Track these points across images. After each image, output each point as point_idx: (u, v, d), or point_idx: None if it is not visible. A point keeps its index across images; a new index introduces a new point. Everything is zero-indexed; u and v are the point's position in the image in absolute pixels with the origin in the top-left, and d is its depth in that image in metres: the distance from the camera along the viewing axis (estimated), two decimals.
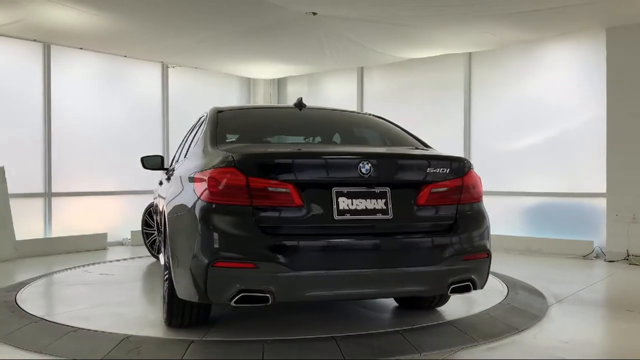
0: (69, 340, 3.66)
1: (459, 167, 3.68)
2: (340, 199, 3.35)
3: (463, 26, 7.05)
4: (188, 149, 4.55)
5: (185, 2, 6.24)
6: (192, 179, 3.58)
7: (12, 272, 6.38)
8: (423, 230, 3.55)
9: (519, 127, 8.25)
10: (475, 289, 3.61)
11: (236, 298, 3.17)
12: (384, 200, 3.42)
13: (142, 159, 5.37)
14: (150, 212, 7.00)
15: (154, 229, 6.82)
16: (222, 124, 4.11)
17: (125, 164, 8.62)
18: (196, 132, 4.53)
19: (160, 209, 4.91)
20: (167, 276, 3.86)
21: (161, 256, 4.55)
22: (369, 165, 3.40)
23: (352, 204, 3.36)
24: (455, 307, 4.57)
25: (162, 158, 5.37)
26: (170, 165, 5.22)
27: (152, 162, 5.34)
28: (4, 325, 4.00)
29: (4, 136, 7.60)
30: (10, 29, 7.12)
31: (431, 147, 4.17)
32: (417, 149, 4.05)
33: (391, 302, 4.68)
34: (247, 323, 4.05)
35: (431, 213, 3.55)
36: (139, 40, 7.88)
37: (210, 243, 3.23)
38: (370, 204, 3.40)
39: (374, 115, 4.82)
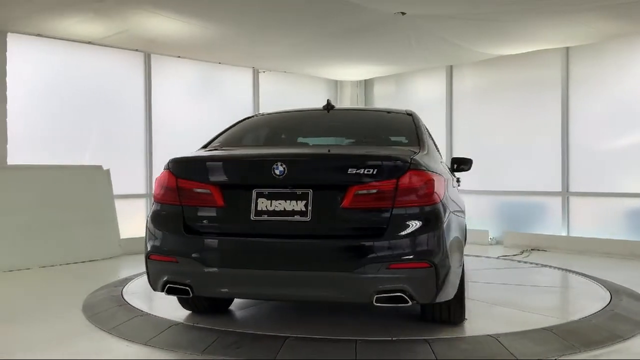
0: (171, 333, 3.86)
1: (392, 168, 3.32)
2: (260, 200, 3.39)
3: (559, 19, 6.76)
4: None
5: (276, 9, 6.41)
6: None
7: (118, 268, 6.80)
8: (345, 235, 3.31)
9: (622, 125, 7.80)
10: (413, 301, 3.23)
11: (165, 289, 3.49)
12: (304, 202, 3.33)
13: None
14: None
15: None
16: (234, 129, 4.48)
17: None
18: None
19: None
20: None
21: None
22: (283, 167, 3.35)
23: (270, 205, 3.37)
24: (554, 312, 4.40)
25: None
26: None
27: None
28: (112, 318, 4.26)
29: (111, 141, 8.12)
30: (115, 40, 7.59)
31: (423, 151, 3.76)
32: (414, 152, 3.62)
33: (479, 308, 4.59)
34: (339, 321, 4.10)
35: (356, 216, 3.31)
36: (232, 48, 8.18)
37: (149, 237, 3.62)
38: (289, 205, 3.35)
39: (407, 114, 4.53)
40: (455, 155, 8.73)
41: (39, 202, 6.94)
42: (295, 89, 10.32)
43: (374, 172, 3.30)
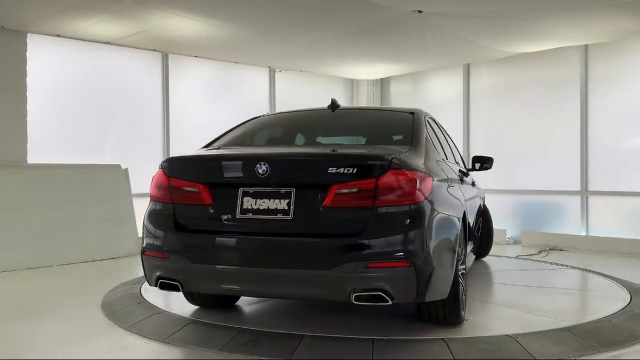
0: (189, 330, 3.89)
1: (373, 167, 3.33)
2: (245, 199, 3.47)
3: (577, 17, 6.69)
4: None
5: (292, 9, 6.42)
6: None
7: (136, 266, 6.85)
8: (326, 233, 3.33)
9: None
10: (393, 300, 3.22)
11: (158, 284, 3.62)
12: (287, 201, 3.39)
13: None
14: None
15: None
16: (237, 129, 4.60)
17: None
18: None
19: None
20: None
21: None
22: (266, 166, 3.42)
23: (255, 204, 3.44)
24: (573, 312, 4.37)
25: None
26: None
27: None
28: (131, 315, 4.31)
29: (129, 140, 8.20)
30: (133, 40, 7.66)
31: (413, 150, 3.74)
32: (401, 151, 3.63)
33: (496, 308, 4.55)
34: (356, 319, 4.10)
35: (337, 215, 3.33)
36: (248, 47, 8.21)
37: (145, 234, 3.76)
38: (272, 204, 3.41)
39: (409, 112, 4.50)
40: (473, 154, 8.69)
41: (59, 201, 7.02)
42: (311, 88, 10.33)
43: (354, 172, 3.31)
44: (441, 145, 4.63)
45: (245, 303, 4.64)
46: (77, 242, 7.01)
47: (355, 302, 3.24)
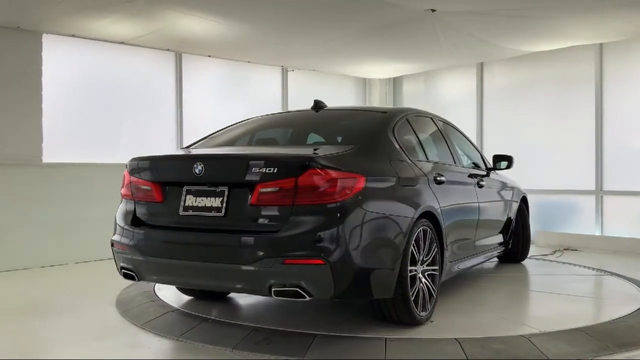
0: (202, 329, 3.92)
1: (292, 167, 3.44)
2: (188, 197, 3.72)
3: (592, 15, 6.63)
4: None
5: (305, 8, 6.43)
6: None
7: None
8: (251, 230, 3.49)
9: None
10: (310, 296, 3.33)
11: (122, 273, 3.94)
12: (220, 199, 3.60)
13: None
14: None
15: None
16: (223, 130, 4.87)
17: None
18: None
19: None
20: None
21: None
22: (201, 166, 3.63)
23: (195, 202, 3.68)
24: (588, 313, 4.33)
25: None
26: None
27: None
28: (145, 313, 4.35)
29: (143, 139, 8.23)
30: (147, 40, 7.70)
31: (353, 151, 3.81)
32: (333, 152, 3.72)
33: (509, 308, 4.53)
34: (370, 319, 4.09)
35: (260, 213, 3.49)
36: (261, 47, 8.23)
37: (114, 228, 4.09)
38: (209, 201, 3.63)
39: (382, 112, 4.67)
40: (486, 153, 8.64)
41: (73, 200, 7.09)
42: (324, 87, 10.31)
43: (276, 171, 3.46)
44: (422, 146, 4.62)
45: (264, 302, 4.66)
46: (92, 240, 7.05)
47: (276, 297, 3.40)
